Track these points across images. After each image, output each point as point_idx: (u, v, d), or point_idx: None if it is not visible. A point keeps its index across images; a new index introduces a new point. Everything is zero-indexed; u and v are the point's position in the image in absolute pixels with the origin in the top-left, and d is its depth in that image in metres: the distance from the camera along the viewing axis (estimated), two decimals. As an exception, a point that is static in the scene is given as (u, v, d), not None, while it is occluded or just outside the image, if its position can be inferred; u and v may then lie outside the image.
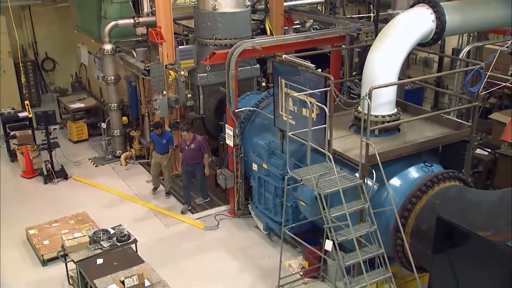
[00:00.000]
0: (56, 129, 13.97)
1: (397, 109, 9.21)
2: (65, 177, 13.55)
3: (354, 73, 12.21)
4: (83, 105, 15.93)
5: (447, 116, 9.54)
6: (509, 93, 8.47)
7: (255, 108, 11.07)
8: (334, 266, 8.51)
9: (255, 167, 10.59)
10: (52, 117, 13.53)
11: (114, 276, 8.15)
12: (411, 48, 9.01)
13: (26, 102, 15.02)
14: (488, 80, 7.82)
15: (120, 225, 9.77)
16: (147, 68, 12.53)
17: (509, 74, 6.44)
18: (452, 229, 7.11)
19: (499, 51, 7.19)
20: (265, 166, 10.23)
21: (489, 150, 11.23)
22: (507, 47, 6.43)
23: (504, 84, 6.84)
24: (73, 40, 17.60)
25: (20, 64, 16.63)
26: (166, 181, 12.65)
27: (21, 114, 14.57)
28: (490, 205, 7.70)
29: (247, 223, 11.36)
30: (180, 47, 12.30)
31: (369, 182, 8.39)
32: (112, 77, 13.94)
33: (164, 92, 12.46)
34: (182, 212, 11.85)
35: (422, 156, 8.86)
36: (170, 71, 12.32)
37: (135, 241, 9.41)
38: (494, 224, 7.36)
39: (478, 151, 11.20)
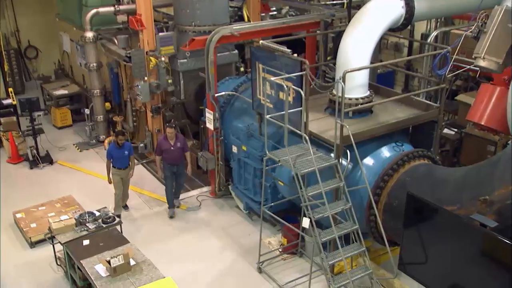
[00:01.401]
0: (40, 115, 13.74)
1: (370, 91, 9.26)
2: (51, 162, 13.44)
3: (328, 58, 12.24)
4: (66, 91, 15.77)
5: (417, 98, 9.63)
6: (474, 76, 8.61)
7: (234, 93, 11.05)
8: (311, 242, 8.58)
9: (234, 149, 10.62)
10: (36, 104, 13.35)
11: (100, 256, 8.15)
12: (382, 33, 9.08)
13: (10, 89, 14.77)
14: (455, 63, 7.90)
15: (105, 207, 9.75)
16: (128, 55, 12.39)
17: (472, 57, 6.54)
18: (421, 204, 7.25)
19: (463, 35, 7.30)
20: (244, 148, 10.26)
21: (456, 130, 11.40)
22: (471, 31, 6.52)
23: (469, 67, 6.94)
24: (55, 28, 17.32)
25: (3, 52, 16.32)
26: (125, 195, 11.18)
27: (5, 101, 14.30)
28: (456, 181, 7.86)
29: (228, 204, 11.42)
30: (160, 34, 12.17)
31: (344, 162, 8.45)
32: (94, 64, 13.76)
33: (146, 78, 12.35)
34: (171, 217, 10.98)
35: (393, 136, 8.96)
36: (151, 58, 12.21)
37: (120, 222, 9.40)
38: (460, 198, 7.51)
39: (446, 130, 11.37)
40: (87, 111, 14.49)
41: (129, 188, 11.24)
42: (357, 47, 8.84)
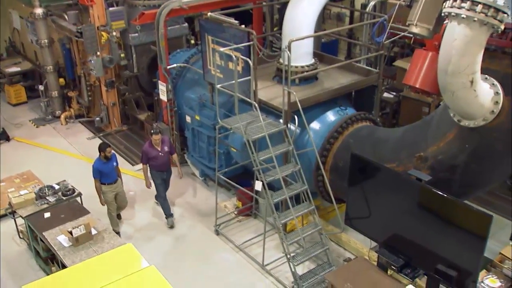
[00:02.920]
0: (-8, 93, 13.39)
1: (315, 59, 9.35)
2: (7, 139, 13.03)
3: (275, 28, 12.25)
4: (19, 68, 15.20)
5: (358, 65, 9.78)
6: (409, 43, 8.80)
7: (186, 64, 10.94)
8: (264, 204, 8.69)
9: (188, 119, 10.56)
10: (-12, 82, 12.93)
11: (62, 228, 8.06)
12: (325, 3, 9.12)
13: (-39, 68, 14.26)
14: (391, 31, 8.03)
15: (64, 180, 9.59)
16: (79, 31, 12.07)
17: (406, 24, 6.69)
18: (364, 163, 7.42)
19: (398, 4, 7.43)
20: (197, 117, 10.22)
21: (394, 93, 11.65)
22: (404, 1, 6.65)
23: (403, 33, 7.10)
24: (4, 6, 16.60)
25: (-49, 31, 15.64)
26: (122, 206, 9.71)
27: (-44, 80, 13.82)
28: (395, 141, 8.10)
29: (184, 171, 11.32)
30: (110, 8, 11.86)
31: (292, 127, 8.57)
32: (46, 41, 13.31)
33: (98, 53, 12.09)
34: (172, 227, 9.77)
35: (337, 101, 9.09)
36: (102, 33, 11.95)
37: (79, 194, 9.28)
38: (398, 156, 7.76)
39: (385, 94, 11.58)
40: (41, 87, 14.03)
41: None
42: (301, 17, 8.86)
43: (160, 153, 9.40)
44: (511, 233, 8.22)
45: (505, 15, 5.73)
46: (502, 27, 5.84)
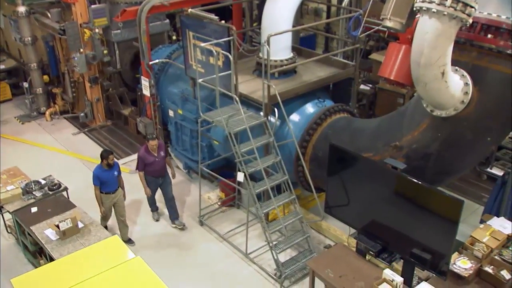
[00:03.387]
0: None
1: (293, 53, 9.37)
2: (-7, 135, 12.94)
3: (254, 24, 12.23)
4: (3, 66, 14.98)
5: (335, 58, 9.81)
6: (384, 37, 8.87)
7: (168, 60, 10.90)
8: (247, 194, 8.74)
9: (171, 113, 10.53)
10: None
11: (49, 222, 8.01)
12: (301, -1, 9.19)
13: None
14: (366, 25, 8.08)
15: (50, 175, 9.50)
16: (62, 28, 11.93)
17: (380, 19, 6.75)
18: (342, 153, 7.43)
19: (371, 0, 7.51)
20: (180, 111, 10.19)
21: (370, 85, 11.76)
22: (378, -5, 6.74)
23: (378, 27, 7.16)
24: (-13, 4, 16.38)
25: None
26: (124, 226, 9.09)
27: None
28: (371, 131, 8.16)
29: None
30: (92, 6, 11.72)
31: (272, 119, 8.60)
32: (29, 38, 13.12)
33: (81, 50, 11.97)
34: (157, 220, 9.66)
35: (316, 94, 9.14)
36: (85, 30, 11.82)
37: (65, 188, 9.20)
38: (375, 146, 7.83)
39: (362, 86, 11.69)
40: (25, 84, 13.86)
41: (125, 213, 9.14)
42: (279, 13, 8.87)
43: (157, 159, 8.95)
44: (481, 217, 8.40)
45: (473, 9, 5.83)
46: (470, 20, 5.94)
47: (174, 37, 13.00)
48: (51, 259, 7.37)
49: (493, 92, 6.69)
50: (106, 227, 8.81)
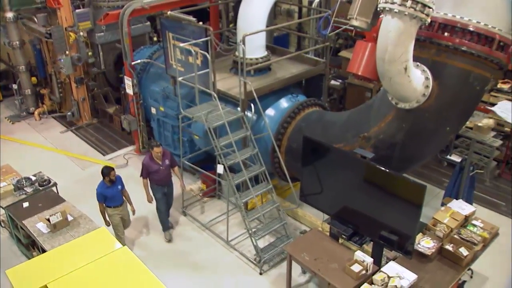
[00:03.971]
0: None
1: (268, 52, 9.36)
2: (-16, 135, 12.66)
3: (230, 24, 12.17)
4: (-7, 69, 14.76)
5: (307, 55, 9.81)
6: (351, 35, 8.89)
7: (149, 60, 10.77)
8: (227, 185, 8.70)
9: (153, 110, 10.44)
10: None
11: (40, 215, 7.91)
12: (275, 1, 9.11)
13: None
14: (335, 24, 8.07)
15: (40, 172, 9.34)
16: (48, 32, 11.73)
17: (347, 18, 6.77)
18: (315, 145, 7.47)
19: (339, 0, 7.51)
20: (162, 109, 10.11)
21: (340, 81, 11.79)
22: (344, -4, 6.76)
23: (345, 26, 7.18)
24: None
25: None
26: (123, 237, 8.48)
27: None
28: (342, 123, 8.18)
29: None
30: (77, 10, 11.56)
31: (249, 114, 8.56)
32: (17, 42, 12.88)
33: (67, 52, 11.78)
34: (169, 241, 8.92)
35: (289, 89, 9.13)
36: (70, 33, 11.63)
37: (55, 184, 9.07)
38: (345, 137, 7.85)
39: (332, 82, 11.69)
40: (15, 86, 13.63)
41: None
42: (254, 14, 8.83)
43: (161, 167, 8.39)
44: (442, 200, 8.52)
45: (431, 9, 5.91)
46: (429, 20, 6.02)
47: (155, 39, 12.86)
48: (43, 251, 7.29)
49: (451, 85, 6.77)
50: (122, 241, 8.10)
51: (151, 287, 5.72)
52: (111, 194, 8.06)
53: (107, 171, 7.94)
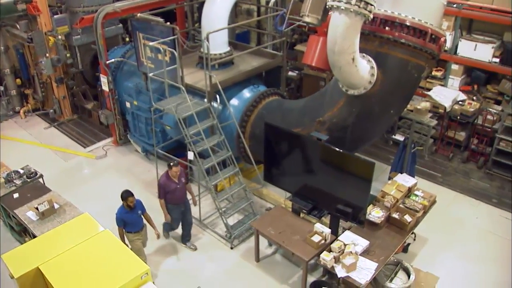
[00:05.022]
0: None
1: (230, 47, 9.15)
2: (-26, 134, 12.01)
3: (196, 24, 11.91)
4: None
5: (266, 50, 9.64)
6: (305, 30, 8.76)
7: (122, 59, 10.37)
8: (197, 170, 8.54)
9: (128, 104, 10.11)
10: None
11: (29, 205, 7.72)
12: (235, 1, 8.88)
13: None
14: (290, 21, 7.92)
15: (27, 165, 8.99)
16: (30, 37, 11.28)
17: (300, 16, 6.67)
18: (276, 130, 7.43)
19: (293, 0, 7.40)
20: (135, 102, 9.81)
21: (297, 72, 11.68)
22: (297, -4, 6.65)
23: (299, 23, 7.06)
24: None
25: None
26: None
27: None
28: (299, 110, 8.10)
29: (128, 149, 10.95)
30: (55, 16, 11.10)
31: (215, 104, 8.39)
32: (2, 48, 12.29)
33: (47, 55, 11.29)
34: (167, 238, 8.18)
35: (251, 81, 8.96)
36: (50, 37, 11.15)
37: (41, 175, 8.75)
38: (302, 122, 7.79)
39: (290, 73, 11.56)
40: (1, 88, 13.02)
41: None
42: (216, 13, 8.60)
43: (178, 186, 7.44)
44: (389, 175, 8.56)
45: (373, 6, 5.90)
46: (371, 16, 6.00)
47: (127, 39, 12.45)
48: (34, 236, 7.13)
49: (393, 73, 6.77)
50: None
51: (131, 264, 5.73)
52: (130, 219, 6.93)
53: (125, 195, 6.81)
